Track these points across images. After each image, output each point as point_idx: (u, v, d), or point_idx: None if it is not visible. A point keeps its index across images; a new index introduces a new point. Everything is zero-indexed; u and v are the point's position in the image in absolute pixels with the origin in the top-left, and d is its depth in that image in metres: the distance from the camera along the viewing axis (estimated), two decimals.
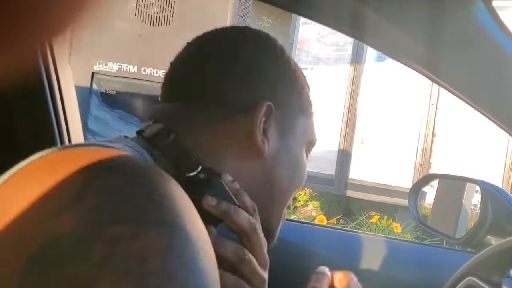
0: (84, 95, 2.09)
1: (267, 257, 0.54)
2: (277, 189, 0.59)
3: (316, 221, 3.56)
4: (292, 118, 0.59)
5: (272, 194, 0.58)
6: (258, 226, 0.53)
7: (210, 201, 0.49)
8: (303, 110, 0.60)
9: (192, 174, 0.51)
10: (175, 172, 0.49)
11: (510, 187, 3.96)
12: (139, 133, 0.54)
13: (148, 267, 0.28)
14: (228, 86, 0.55)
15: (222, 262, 0.49)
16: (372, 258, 1.19)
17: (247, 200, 0.53)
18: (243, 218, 0.51)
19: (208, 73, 0.56)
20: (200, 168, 0.51)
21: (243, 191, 0.53)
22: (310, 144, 0.63)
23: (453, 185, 1.60)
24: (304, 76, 0.61)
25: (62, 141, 0.90)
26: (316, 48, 4.79)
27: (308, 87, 0.62)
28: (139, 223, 0.30)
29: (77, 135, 0.95)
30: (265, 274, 0.53)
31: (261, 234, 0.53)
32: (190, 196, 0.38)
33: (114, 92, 2.15)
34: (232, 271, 0.51)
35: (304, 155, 0.62)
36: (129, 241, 0.28)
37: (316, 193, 5.04)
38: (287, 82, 0.58)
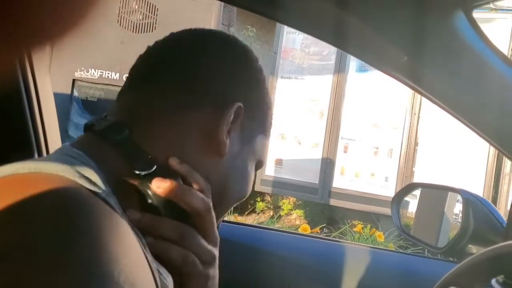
0: (65, 102, 2.06)
1: (217, 235, 0.53)
2: (225, 195, 0.56)
3: (299, 230, 3.55)
4: (255, 131, 0.58)
5: (219, 199, 0.55)
6: (211, 206, 0.51)
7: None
8: (265, 128, 0.60)
9: (146, 172, 0.48)
10: (126, 169, 0.48)
11: (491, 196, 4.01)
12: (89, 128, 0.50)
13: None
14: (199, 74, 0.53)
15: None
16: (355, 268, 1.18)
17: (201, 180, 0.51)
18: (197, 197, 0.49)
19: (178, 60, 0.53)
20: (155, 167, 0.49)
21: (194, 170, 0.51)
22: (260, 163, 0.61)
23: (435, 195, 1.61)
24: (271, 100, 0.61)
25: (39, 149, 0.88)
26: (300, 58, 4.81)
27: (272, 112, 0.62)
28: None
29: (54, 142, 0.93)
30: (216, 251, 0.52)
31: (213, 213, 0.51)
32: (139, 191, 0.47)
33: (95, 99, 2.12)
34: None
35: (253, 171, 0.60)
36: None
37: (300, 202, 5.03)
38: (259, 95, 0.58)
